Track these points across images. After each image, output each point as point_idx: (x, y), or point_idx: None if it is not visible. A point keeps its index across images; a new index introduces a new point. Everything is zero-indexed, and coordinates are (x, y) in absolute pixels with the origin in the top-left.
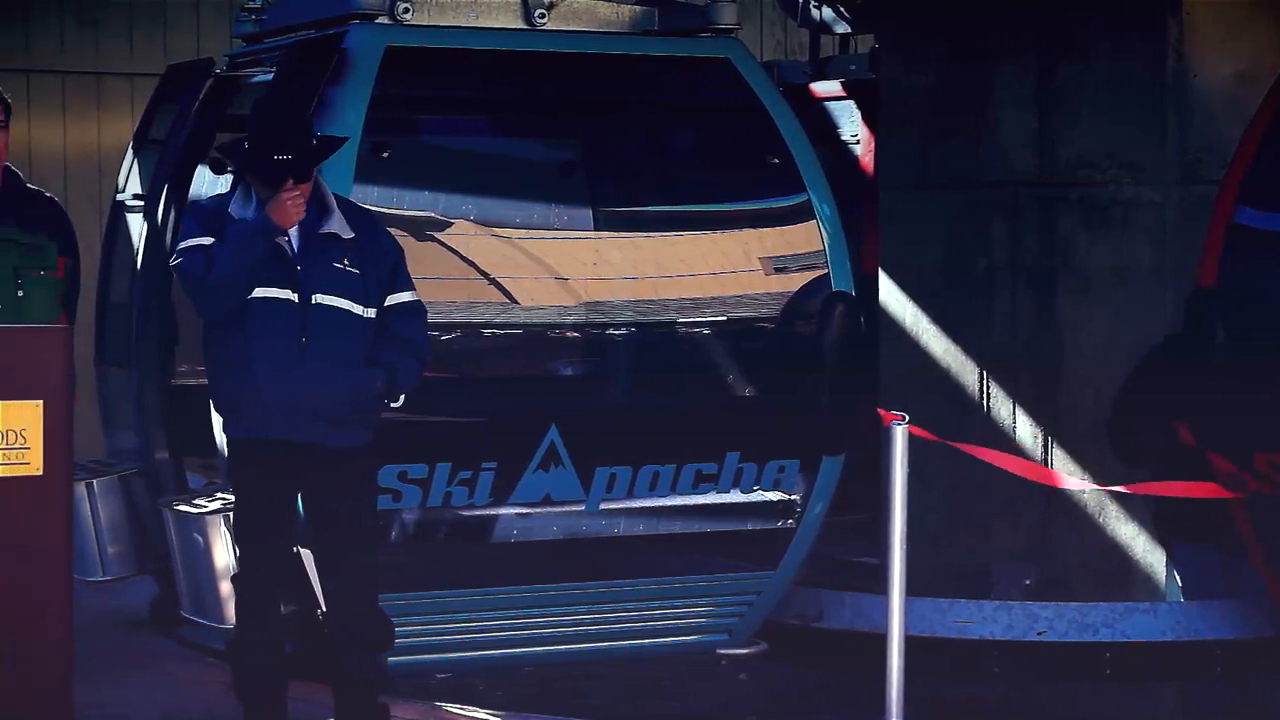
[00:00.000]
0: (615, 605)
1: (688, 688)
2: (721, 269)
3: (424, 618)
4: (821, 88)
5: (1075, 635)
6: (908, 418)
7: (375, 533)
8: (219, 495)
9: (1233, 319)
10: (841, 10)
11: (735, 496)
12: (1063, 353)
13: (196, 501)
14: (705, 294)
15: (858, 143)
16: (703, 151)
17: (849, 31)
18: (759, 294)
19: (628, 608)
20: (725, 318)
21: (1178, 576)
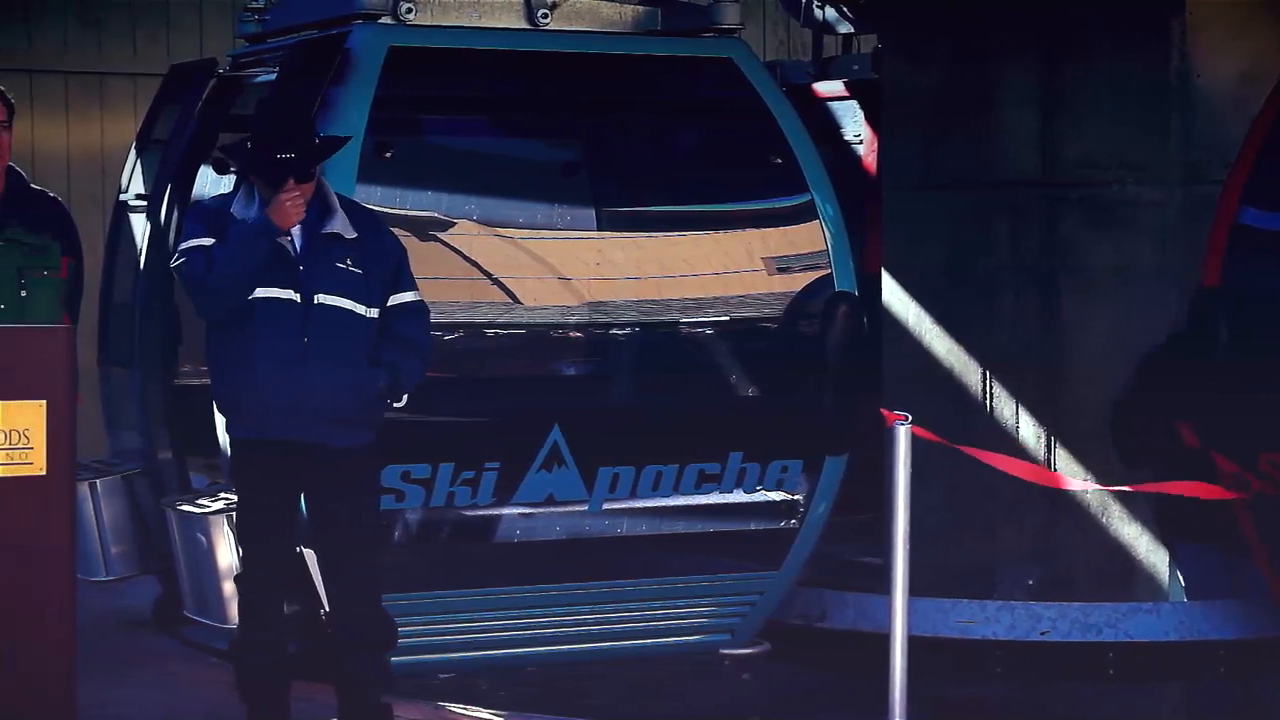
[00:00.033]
0: (618, 605)
1: (690, 688)
2: (724, 269)
3: (427, 618)
4: (824, 88)
5: (1078, 635)
6: (911, 418)
7: (378, 533)
8: (222, 495)
9: (1236, 319)
10: (844, 10)
11: (738, 496)
12: (1066, 353)
13: (200, 501)
14: (708, 294)
15: (860, 143)
16: (705, 151)
17: (852, 31)
18: (762, 294)
19: (630, 608)
20: (728, 318)
21: (1181, 577)
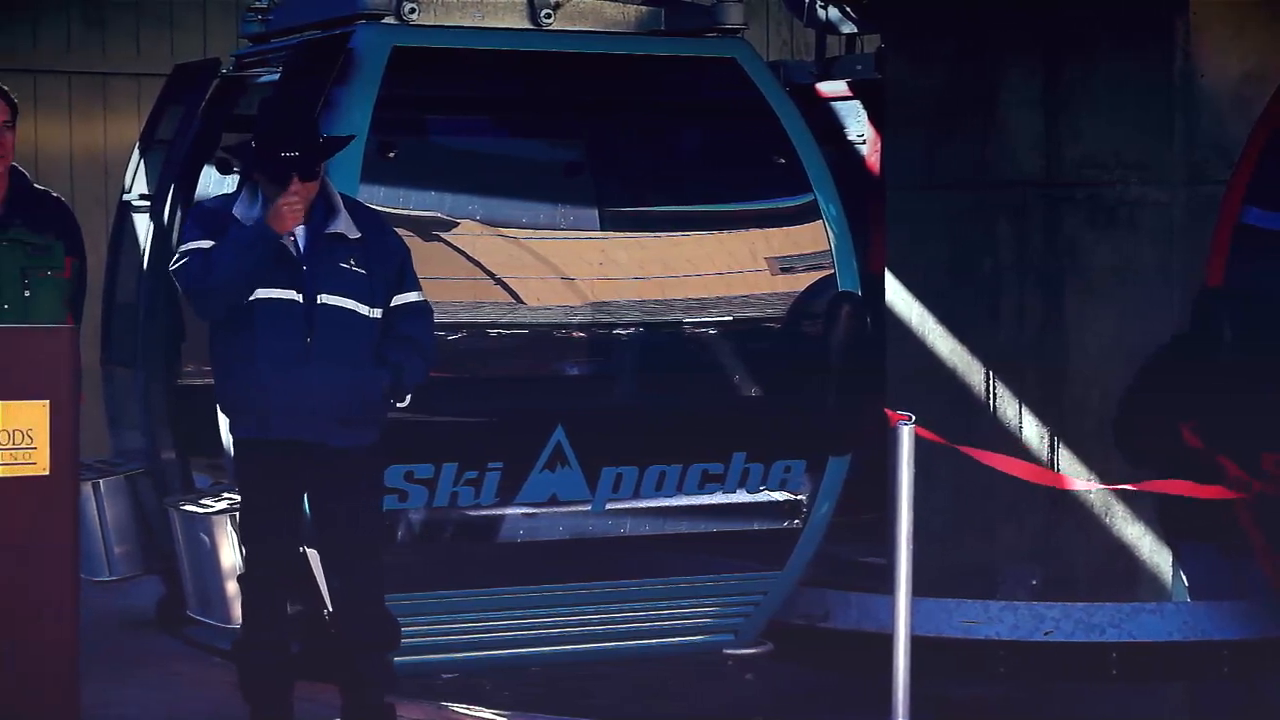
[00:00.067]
0: (621, 605)
1: (694, 688)
2: (728, 269)
3: (430, 618)
4: (827, 88)
5: (1081, 635)
6: (914, 418)
7: (381, 533)
8: (225, 495)
9: (1239, 319)
10: (847, 10)
11: (741, 496)
12: (1069, 353)
13: (203, 501)
14: (711, 294)
15: (864, 143)
16: (709, 151)
17: (855, 31)
18: (765, 294)
19: (634, 608)
20: (731, 318)
21: (1184, 577)
